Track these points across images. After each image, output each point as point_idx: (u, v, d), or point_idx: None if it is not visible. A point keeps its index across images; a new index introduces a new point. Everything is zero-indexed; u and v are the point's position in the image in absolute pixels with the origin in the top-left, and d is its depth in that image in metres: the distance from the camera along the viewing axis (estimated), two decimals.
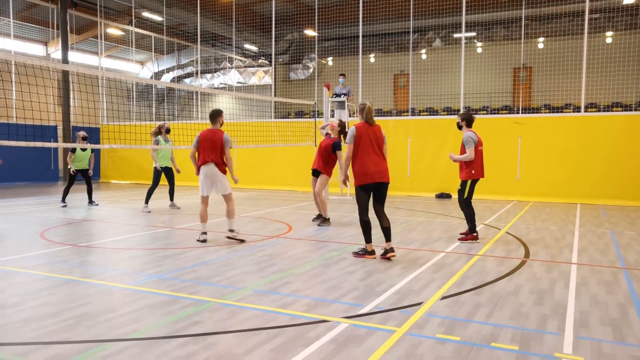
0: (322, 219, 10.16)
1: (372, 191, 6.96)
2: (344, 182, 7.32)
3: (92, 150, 13.18)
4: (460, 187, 8.30)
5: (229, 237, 8.26)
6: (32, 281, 5.87)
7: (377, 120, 18.16)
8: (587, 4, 15.76)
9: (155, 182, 12.42)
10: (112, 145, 12.37)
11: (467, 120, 8.35)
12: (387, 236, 7.00)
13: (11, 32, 21.81)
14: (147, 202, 12.26)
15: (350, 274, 6.20)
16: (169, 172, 12.65)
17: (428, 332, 4.25)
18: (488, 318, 4.60)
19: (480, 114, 20.00)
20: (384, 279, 5.92)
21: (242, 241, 8.25)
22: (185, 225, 9.96)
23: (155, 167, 12.32)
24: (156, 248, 7.83)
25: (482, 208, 13.02)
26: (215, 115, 8.33)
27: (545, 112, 18.42)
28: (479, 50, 22.41)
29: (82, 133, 12.90)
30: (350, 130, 6.91)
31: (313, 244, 8.20)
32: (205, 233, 8.31)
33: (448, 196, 15.88)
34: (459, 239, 8.40)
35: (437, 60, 22.30)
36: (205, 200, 8.31)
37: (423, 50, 23.27)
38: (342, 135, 10.13)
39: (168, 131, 12.41)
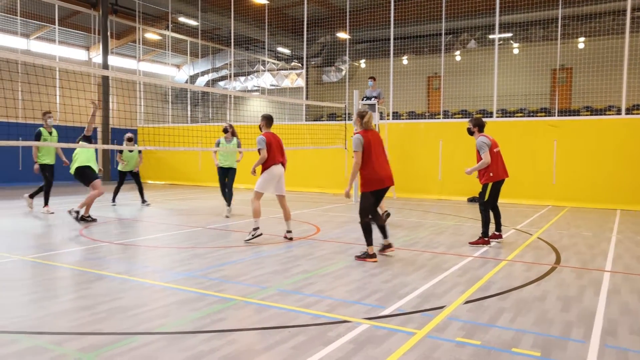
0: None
1: (377, 194, 7.15)
2: (348, 194, 7.14)
3: (139, 151, 13.54)
4: (481, 191, 8.33)
5: (288, 238, 8.68)
6: (70, 276, 6.14)
7: (409, 122, 18.16)
8: (629, 2, 15.43)
9: (221, 182, 12.31)
10: (148, 147, 12.67)
11: (479, 125, 8.36)
12: (385, 234, 7.31)
13: (56, 39, 22.54)
14: (228, 204, 12.08)
15: (374, 276, 6.27)
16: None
17: (448, 335, 4.29)
18: (511, 323, 4.60)
19: (516, 116, 19.77)
20: (407, 282, 5.97)
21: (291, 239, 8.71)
22: (215, 225, 10.16)
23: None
24: (186, 247, 8.03)
25: (514, 213, 12.88)
26: (272, 119, 8.88)
27: (586, 115, 18.07)
28: (516, 51, 22.12)
29: (128, 135, 13.31)
30: (357, 139, 6.96)
31: (339, 245, 8.29)
32: (258, 228, 8.55)
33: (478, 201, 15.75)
34: (470, 243, 8.42)
35: (471, 62, 22.14)
36: (260, 196, 8.61)
37: (457, 52, 23.12)
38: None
39: (226, 131, 12.15)
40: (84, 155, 10.31)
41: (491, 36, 21.36)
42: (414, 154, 17.15)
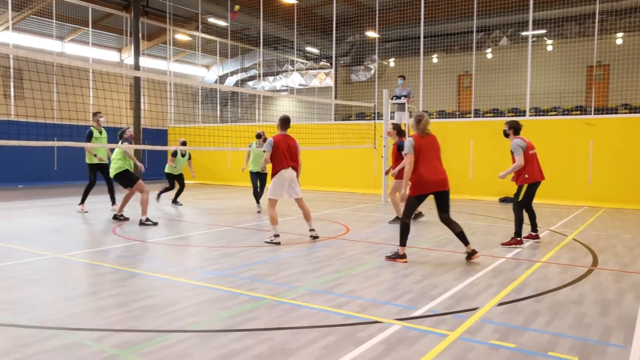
0: (396, 218, 10.61)
1: (435, 199, 7.10)
2: (403, 198, 7.21)
3: (190, 157, 13.78)
4: (516, 192, 8.28)
5: (313, 237, 8.63)
6: (105, 273, 6.24)
7: (439, 122, 18.00)
8: None
9: (253, 184, 12.69)
10: (178, 147, 12.80)
11: (515, 128, 8.31)
12: (464, 240, 7.06)
13: (89, 41, 22.97)
14: (257, 202, 12.57)
15: (405, 276, 6.22)
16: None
17: (481, 337, 4.23)
18: (547, 326, 4.51)
19: (549, 115, 19.42)
20: (439, 283, 5.91)
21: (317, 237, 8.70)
22: (245, 225, 10.22)
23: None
24: (217, 246, 8.09)
25: (548, 213, 12.64)
26: (288, 121, 8.68)
27: (624, 112, 17.63)
28: (549, 48, 21.69)
29: (183, 139, 13.56)
30: (409, 141, 6.97)
31: (369, 245, 8.25)
32: (277, 235, 8.35)
33: (512, 200, 15.51)
34: (502, 244, 8.34)
35: (503, 60, 21.79)
36: (275, 203, 8.47)
37: (488, 50, 22.81)
38: (401, 136, 10.91)
39: (259, 137, 12.46)
40: (122, 158, 10.45)
41: (524, 33, 21.00)
42: (445, 153, 16.91)
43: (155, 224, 10.05)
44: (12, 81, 19.69)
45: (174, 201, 13.83)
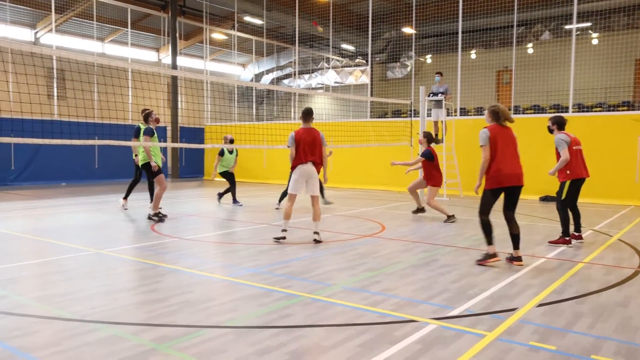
0: (446, 217, 10.61)
1: (506, 195, 6.77)
2: (477, 190, 7.00)
3: (237, 154, 13.81)
4: (558, 189, 8.06)
5: (316, 240, 8.14)
6: (143, 269, 6.35)
7: (478, 118, 17.73)
8: None
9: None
10: (214, 144, 12.93)
11: (558, 123, 8.10)
12: (516, 244, 6.79)
13: (128, 41, 23.43)
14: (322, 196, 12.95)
15: (442, 275, 6.14)
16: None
17: (521, 338, 4.13)
18: (590, 329, 4.38)
19: (594, 111, 18.91)
20: (476, 283, 5.81)
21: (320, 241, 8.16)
22: (280, 222, 10.22)
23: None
24: (253, 243, 8.13)
25: (592, 213, 12.30)
26: (309, 114, 8.29)
27: None
28: (595, 41, 21.06)
29: (229, 136, 13.59)
30: (483, 133, 6.73)
31: (405, 244, 8.18)
32: (285, 230, 8.23)
33: (554, 199, 15.15)
34: (549, 242, 8.17)
35: (545, 55, 21.32)
36: (293, 198, 8.28)
37: (529, 44, 22.35)
38: (430, 144, 11.20)
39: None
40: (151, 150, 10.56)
41: (567, 26, 20.49)
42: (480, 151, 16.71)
43: (162, 220, 10.16)
44: (55, 82, 20.22)
45: (220, 196, 13.71)
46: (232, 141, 13.50)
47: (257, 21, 25.16)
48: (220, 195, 13.63)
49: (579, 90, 19.04)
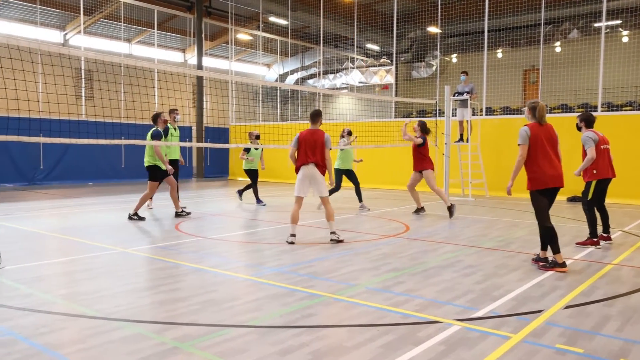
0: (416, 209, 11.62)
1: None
2: (509, 191, 6.79)
3: (262, 150, 13.83)
4: (584, 189, 7.91)
5: (332, 240, 8.13)
6: (167, 268, 6.40)
7: (504, 118, 17.50)
8: None
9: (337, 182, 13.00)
10: (239, 144, 12.98)
11: (587, 120, 7.95)
12: (544, 245, 6.62)
13: (155, 42, 23.70)
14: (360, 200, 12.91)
15: (466, 276, 6.07)
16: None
17: (547, 341, 4.06)
18: (618, 332, 4.28)
19: (624, 110, 18.51)
20: (501, 284, 5.73)
21: (341, 241, 8.13)
22: (304, 222, 10.24)
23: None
24: (276, 243, 8.14)
25: (621, 213, 12.04)
26: (316, 116, 8.27)
27: None
28: (625, 39, 20.62)
29: (255, 132, 13.62)
30: (523, 131, 6.44)
31: (429, 244, 8.11)
32: (294, 235, 8.11)
33: (581, 200, 14.87)
34: (577, 243, 8.03)
35: (573, 53, 20.93)
36: (299, 200, 8.16)
37: (557, 43, 21.99)
38: (424, 133, 11.56)
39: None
40: (152, 154, 10.55)
41: (597, 24, 20.11)
42: (509, 151, 16.49)
43: (142, 219, 10.22)
44: (84, 82, 20.55)
45: (240, 192, 13.74)
46: (258, 137, 13.53)
47: (282, 21, 25.23)
48: (241, 192, 13.72)
49: (608, 89, 18.68)
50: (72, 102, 16.76)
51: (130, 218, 10.22)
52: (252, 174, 13.55)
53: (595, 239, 7.87)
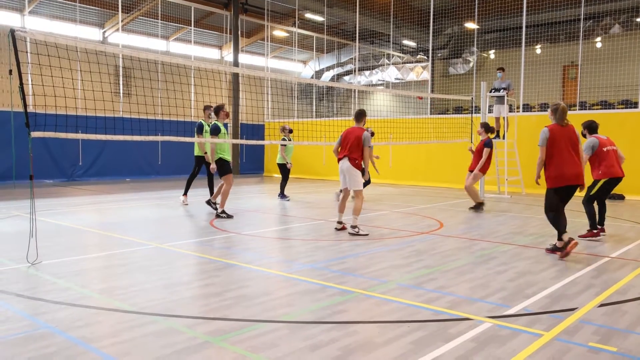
0: (475, 205, 11.63)
1: (563, 190, 7.03)
2: (537, 181, 7.41)
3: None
4: (590, 184, 8.28)
5: (350, 234, 8.46)
6: (201, 263, 6.53)
7: (542, 115, 17.16)
8: None
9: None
10: (273, 141, 13.07)
11: (589, 128, 8.54)
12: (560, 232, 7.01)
13: (192, 39, 24.03)
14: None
15: (499, 273, 6.01)
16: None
17: (580, 339, 4.00)
18: None
19: None
20: (535, 282, 5.65)
21: (366, 235, 8.45)
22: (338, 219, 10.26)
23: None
24: (310, 239, 8.21)
25: None
26: (360, 115, 8.82)
27: None
28: None
29: (288, 127, 13.73)
30: (543, 132, 6.97)
31: (463, 241, 8.04)
32: (340, 222, 8.90)
33: (620, 197, 14.55)
34: (579, 236, 8.23)
35: (614, 49, 20.38)
36: (343, 192, 8.90)
37: (598, 38, 21.43)
38: (489, 134, 11.80)
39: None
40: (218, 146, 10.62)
41: (639, 19, 19.55)
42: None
43: (230, 216, 10.21)
44: (122, 79, 20.99)
45: (282, 196, 13.77)
46: (291, 131, 13.61)
47: (318, 18, 25.26)
48: (282, 195, 13.71)
49: None
50: (110, 99, 17.16)
51: (218, 216, 10.26)
52: (284, 168, 13.67)
53: (595, 231, 8.23)
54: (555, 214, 7.01)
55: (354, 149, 8.47)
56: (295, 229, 9.33)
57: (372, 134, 13.51)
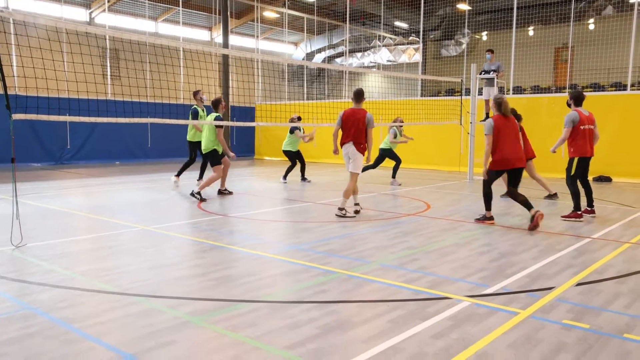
0: (548, 195, 10.78)
1: (509, 175, 7.91)
2: (485, 174, 7.92)
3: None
4: (568, 165, 8.42)
5: (337, 215, 8.45)
6: (187, 245, 6.58)
7: (532, 97, 17.16)
8: None
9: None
10: (262, 123, 13.07)
11: (576, 99, 8.44)
12: (528, 206, 7.66)
13: (180, 20, 23.82)
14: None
15: (482, 254, 6.09)
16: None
17: (554, 317, 4.09)
18: (627, 309, 4.29)
19: None
20: (516, 262, 5.74)
21: (355, 214, 8.59)
22: (326, 201, 10.33)
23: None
24: (297, 221, 8.26)
25: None
26: (359, 95, 8.51)
27: None
28: None
29: (296, 115, 13.76)
30: (488, 123, 7.71)
31: (448, 223, 8.12)
32: (357, 204, 8.86)
33: (608, 179, 14.65)
34: (561, 217, 8.48)
35: (607, 30, 20.37)
36: (350, 176, 8.67)
37: (590, 20, 21.41)
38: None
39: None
40: (214, 140, 10.52)
41: (632, 0, 19.49)
42: (536, 128, 16.26)
43: (203, 199, 10.14)
44: (109, 61, 20.80)
45: (303, 178, 13.86)
46: (299, 119, 13.62)
47: None
48: (285, 176, 13.83)
49: None
50: (98, 82, 17.04)
51: (192, 195, 10.26)
52: (292, 155, 13.79)
53: (579, 212, 8.33)
54: (489, 192, 7.95)
55: (358, 133, 8.32)
56: (283, 211, 9.37)
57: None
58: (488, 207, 8.04)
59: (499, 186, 10.98)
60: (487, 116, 15.43)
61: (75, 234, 7.13)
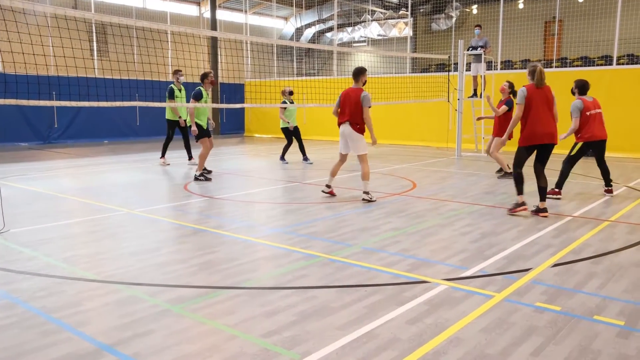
0: (503, 173, 10.66)
1: (537, 151, 7.17)
2: (505, 141, 7.99)
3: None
4: (572, 146, 8.48)
5: (364, 199, 8.19)
6: (171, 229, 6.60)
7: (522, 72, 17.13)
8: None
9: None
10: (254, 104, 13.01)
11: (581, 88, 8.43)
12: (542, 196, 7.16)
13: None
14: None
15: (464, 235, 6.15)
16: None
17: (528, 299, 4.16)
18: (599, 289, 4.37)
19: None
20: (496, 242, 5.81)
21: (374, 201, 8.21)
22: (313, 181, 10.36)
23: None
24: (282, 202, 8.29)
25: (631, 168, 11.93)
26: (358, 74, 8.17)
27: None
28: None
29: (288, 88, 13.33)
30: (521, 91, 7.04)
31: (433, 202, 8.17)
32: (328, 186, 8.56)
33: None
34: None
35: (595, 3, 20.24)
36: (341, 157, 8.47)
37: None
38: (512, 95, 10.40)
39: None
40: (196, 111, 10.44)
41: None
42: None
43: (208, 179, 10.26)
44: (96, 37, 20.49)
45: (304, 158, 13.42)
46: (291, 93, 13.35)
47: None
48: (283, 157, 13.47)
49: (631, 40, 18.12)
50: (86, 57, 16.82)
51: (196, 179, 10.25)
52: (289, 133, 13.34)
53: (557, 190, 8.39)
54: (520, 173, 7.22)
55: (354, 113, 8.00)
56: (269, 192, 9.39)
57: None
58: (519, 190, 7.24)
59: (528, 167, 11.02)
60: (475, 92, 15.43)
61: (59, 219, 7.11)
